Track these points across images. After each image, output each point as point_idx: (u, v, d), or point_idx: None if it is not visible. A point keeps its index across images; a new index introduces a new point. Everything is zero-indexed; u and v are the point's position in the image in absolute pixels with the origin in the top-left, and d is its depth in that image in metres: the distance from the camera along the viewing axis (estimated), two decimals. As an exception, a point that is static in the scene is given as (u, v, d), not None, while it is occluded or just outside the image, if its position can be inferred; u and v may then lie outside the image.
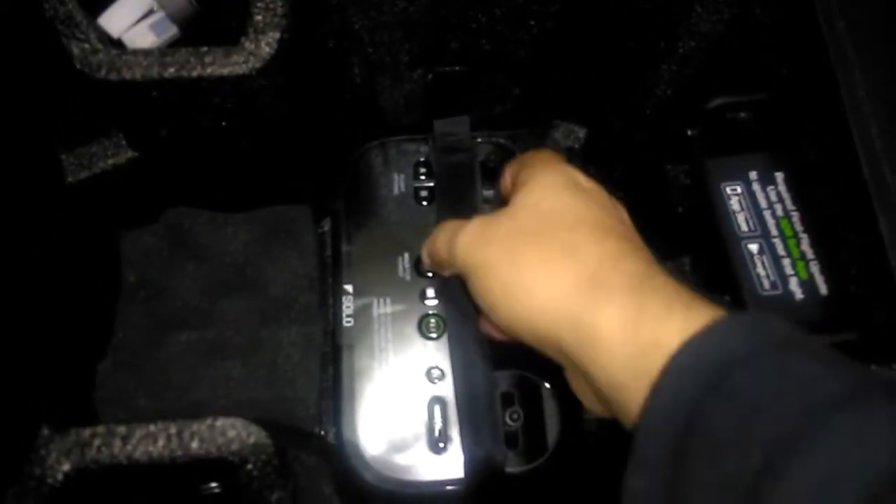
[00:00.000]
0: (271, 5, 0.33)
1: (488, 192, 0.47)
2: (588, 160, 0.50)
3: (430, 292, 0.44)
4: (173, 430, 0.28)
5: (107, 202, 0.42)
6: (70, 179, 0.40)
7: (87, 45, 0.32)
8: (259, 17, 0.33)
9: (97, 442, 0.27)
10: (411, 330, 0.43)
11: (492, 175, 0.48)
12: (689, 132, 0.38)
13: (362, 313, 0.43)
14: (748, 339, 0.22)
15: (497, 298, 0.28)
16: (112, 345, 0.42)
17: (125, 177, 0.41)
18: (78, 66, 0.33)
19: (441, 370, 0.41)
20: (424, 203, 0.47)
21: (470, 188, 0.47)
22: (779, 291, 0.33)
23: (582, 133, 0.52)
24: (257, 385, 0.41)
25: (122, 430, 0.28)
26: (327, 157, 0.46)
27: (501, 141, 0.48)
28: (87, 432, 0.28)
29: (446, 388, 0.41)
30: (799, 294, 0.33)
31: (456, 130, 0.48)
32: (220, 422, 0.28)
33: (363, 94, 0.45)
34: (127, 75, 0.32)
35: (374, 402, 0.40)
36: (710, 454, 0.20)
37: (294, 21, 0.34)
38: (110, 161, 0.41)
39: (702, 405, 0.21)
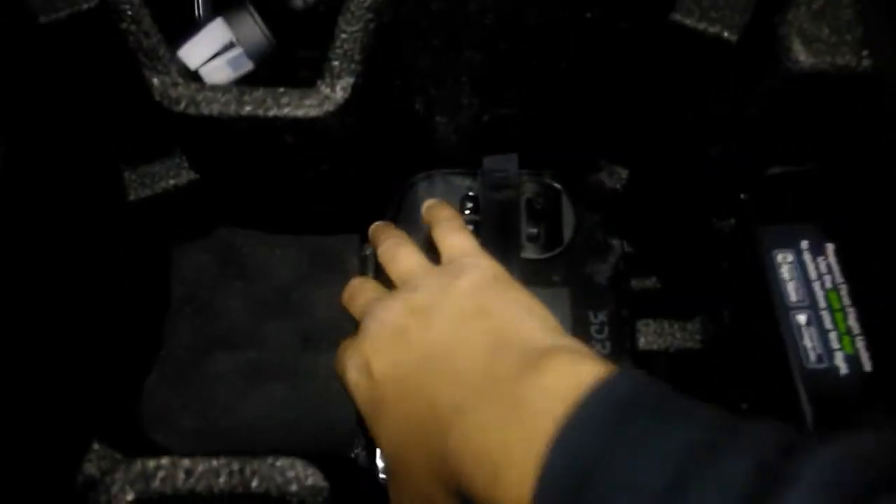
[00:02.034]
0: (349, 52, 0.34)
1: (531, 230, 0.48)
2: (629, 202, 0.51)
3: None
4: (235, 466, 0.29)
5: (164, 219, 0.43)
6: (132, 197, 0.41)
7: (167, 79, 0.33)
8: (336, 63, 0.34)
9: (161, 474, 0.28)
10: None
11: (536, 213, 0.49)
12: (742, 196, 0.38)
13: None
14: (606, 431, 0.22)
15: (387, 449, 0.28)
16: (158, 360, 0.43)
17: (184, 197, 0.42)
18: (157, 98, 0.33)
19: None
20: (468, 236, 0.48)
21: (514, 225, 0.48)
22: (824, 365, 0.34)
23: (624, 174, 0.53)
24: (299, 407, 0.42)
25: (186, 463, 0.29)
26: (377, 186, 0.47)
27: (548, 180, 0.49)
28: (152, 463, 0.29)
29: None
30: (844, 369, 0.34)
31: (504, 167, 0.48)
32: (280, 461, 0.29)
33: (418, 129, 0.46)
34: (205, 111, 0.33)
35: None
36: None
37: (367, 67, 0.35)
38: (171, 182, 0.42)
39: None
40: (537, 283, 0.46)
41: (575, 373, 0.24)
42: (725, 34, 0.38)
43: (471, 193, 0.49)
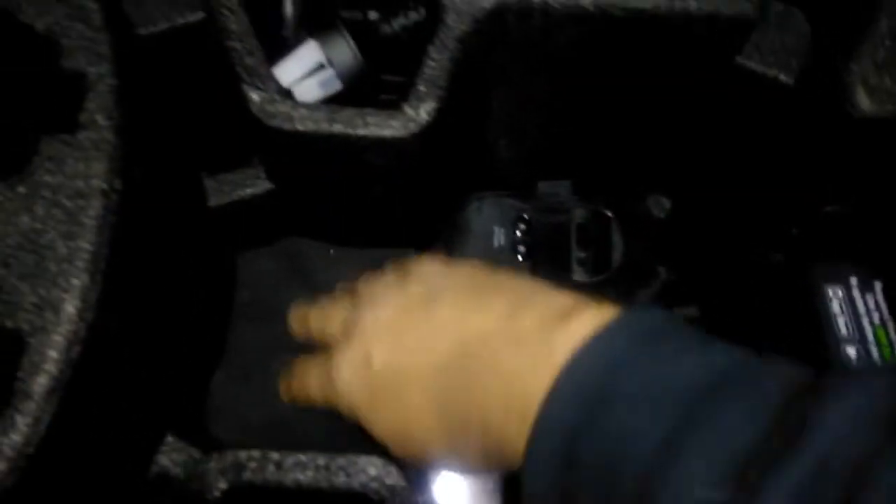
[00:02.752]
0: (435, 78, 0.36)
1: (581, 254, 0.50)
2: (672, 231, 0.53)
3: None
4: (321, 461, 0.30)
5: (237, 226, 0.45)
6: (211, 204, 0.43)
7: (265, 95, 0.36)
8: (422, 88, 0.36)
9: (253, 465, 0.30)
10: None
11: (587, 238, 0.51)
12: (794, 231, 0.40)
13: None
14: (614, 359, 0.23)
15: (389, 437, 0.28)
16: (225, 360, 0.45)
17: (257, 205, 0.44)
18: (254, 112, 0.36)
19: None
20: (520, 258, 0.50)
21: (565, 248, 0.50)
22: (873, 397, 0.36)
23: (668, 203, 0.55)
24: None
25: (275, 456, 0.30)
26: (434, 203, 0.49)
27: (598, 207, 0.51)
28: (243, 455, 0.30)
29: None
30: (891, 401, 0.35)
31: (558, 192, 0.51)
32: (363, 459, 0.31)
33: (480, 151, 0.48)
34: (298, 127, 0.36)
35: None
36: (592, 484, 0.22)
37: (450, 93, 0.37)
38: (248, 191, 0.44)
39: (577, 444, 0.22)
40: (587, 306, 0.48)
41: (601, 314, 0.24)
42: (782, 77, 0.40)
43: (525, 216, 0.51)
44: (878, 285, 0.39)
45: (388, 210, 0.47)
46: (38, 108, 0.31)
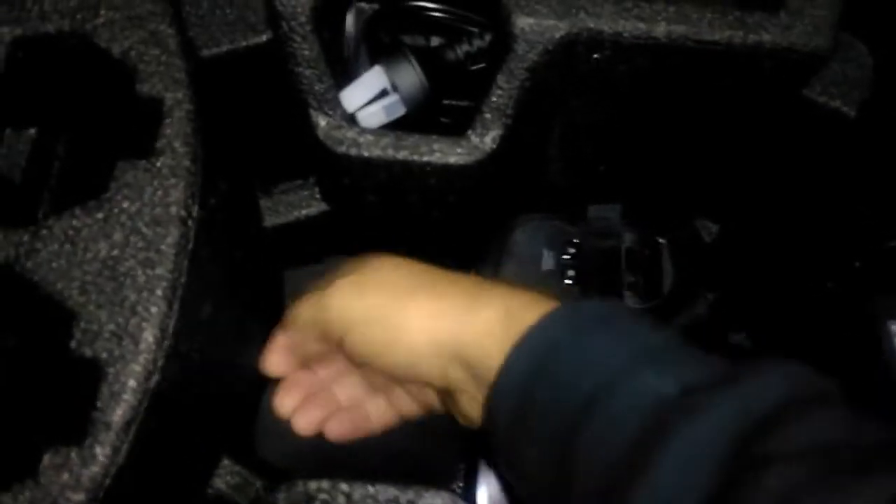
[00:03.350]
0: (501, 106, 0.36)
1: (631, 279, 0.50)
2: (720, 256, 0.53)
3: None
4: (390, 494, 0.30)
5: (289, 246, 0.45)
6: (266, 224, 0.43)
7: (332, 121, 0.35)
8: (488, 116, 0.36)
9: (323, 496, 0.30)
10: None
11: (637, 262, 0.50)
12: (856, 264, 0.40)
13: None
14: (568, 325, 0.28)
15: (378, 348, 0.31)
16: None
17: (312, 226, 0.44)
18: (321, 138, 0.36)
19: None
20: (569, 282, 0.49)
21: (616, 273, 0.49)
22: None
23: (714, 228, 0.54)
24: (403, 437, 0.44)
25: (344, 487, 0.30)
26: (484, 225, 0.49)
27: (648, 231, 0.51)
28: (313, 485, 0.30)
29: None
30: (959, 441, 0.35)
31: (607, 216, 0.50)
32: (430, 493, 0.30)
33: (534, 174, 0.48)
34: (365, 153, 0.35)
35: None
36: (539, 418, 0.26)
37: (515, 121, 0.37)
38: (303, 212, 0.44)
39: (531, 386, 0.27)
40: (637, 332, 0.47)
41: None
42: (844, 109, 0.40)
43: (574, 240, 0.50)
44: (942, 322, 0.38)
45: (438, 231, 0.47)
46: (116, 133, 0.31)
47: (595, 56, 0.35)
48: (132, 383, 0.27)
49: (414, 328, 0.30)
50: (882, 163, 0.38)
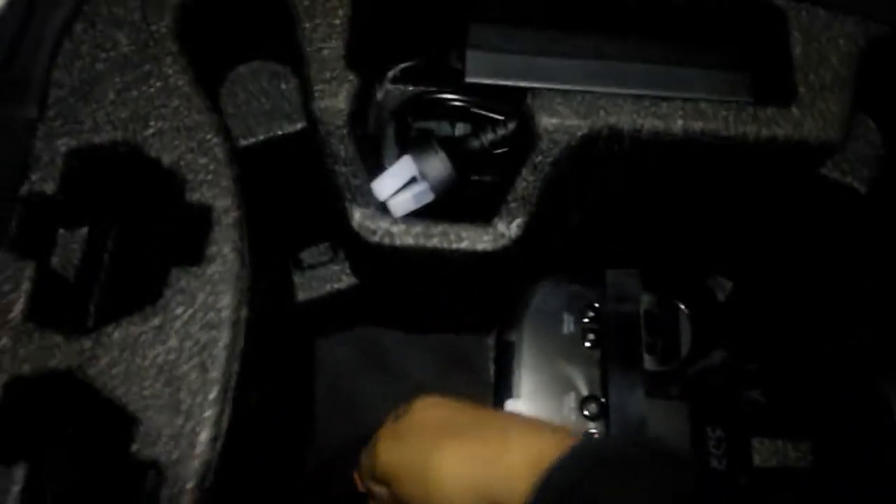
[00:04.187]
0: (526, 196, 0.38)
1: (650, 341, 0.51)
2: (735, 313, 0.54)
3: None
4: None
5: (320, 317, 0.47)
6: (300, 299, 0.45)
7: (366, 211, 0.37)
8: (514, 205, 0.38)
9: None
10: (573, 467, 0.46)
11: (655, 325, 0.52)
12: (863, 333, 0.41)
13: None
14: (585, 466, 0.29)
15: (417, 495, 0.32)
16: (313, 448, 0.47)
17: (342, 299, 0.46)
18: (356, 228, 0.37)
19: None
20: (588, 345, 0.51)
21: (636, 336, 0.51)
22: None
23: (728, 285, 0.56)
24: None
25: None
26: (506, 292, 0.51)
27: (667, 296, 0.52)
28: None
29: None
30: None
31: (625, 281, 0.52)
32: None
33: (556, 244, 0.49)
34: (397, 242, 0.37)
35: None
36: None
37: (539, 208, 0.38)
38: (335, 286, 0.46)
39: None
40: (657, 395, 0.49)
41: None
42: (856, 185, 0.42)
43: (593, 304, 0.52)
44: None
45: (462, 302, 0.49)
46: (168, 240, 0.33)
47: (615, 149, 0.37)
48: (189, 484, 0.29)
49: (448, 475, 0.31)
50: (890, 240, 0.40)
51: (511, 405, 0.48)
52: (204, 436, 0.29)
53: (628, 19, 0.41)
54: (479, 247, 0.38)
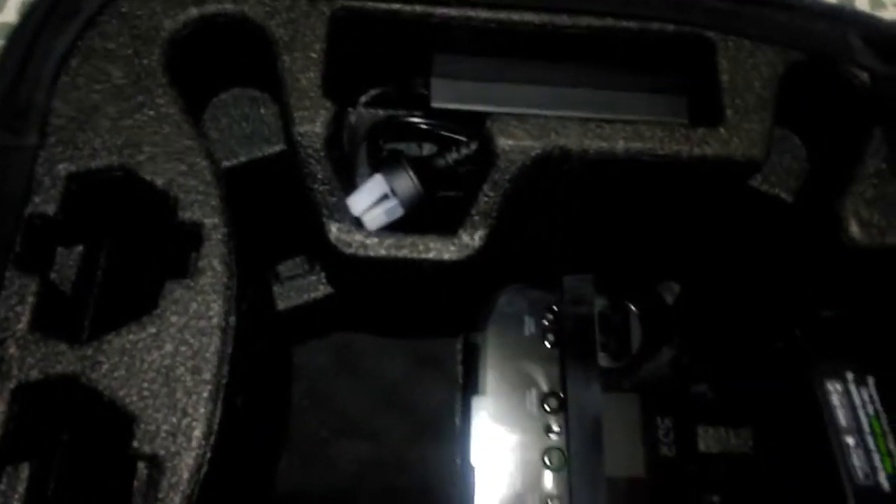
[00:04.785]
0: (487, 210, 0.42)
1: (604, 341, 0.56)
2: (683, 314, 0.59)
3: (555, 427, 0.51)
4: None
5: (298, 325, 0.51)
6: (279, 308, 0.49)
7: (342, 226, 0.41)
8: (476, 218, 0.42)
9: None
10: (535, 459, 0.50)
11: (608, 325, 0.56)
12: (796, 332, 0.46)
13: (494, 438, 0.51)
14: None
15: None
16: (286, 447, 0.50)
17: (319, 307, 0.50)
18: (332, 241, 0.41)
19: (560, 500, 0.49)
20: (548, 345, 0.55)
21: (591, 336, 0.55)
22: (871, 482, 0.41)
23: (676, 288, 0.61)
24: (409, 495, 0.49)
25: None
26: (474, 298, 0.55)
27: (618, 298, 0.57)
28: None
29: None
30: (886, 486, 0.41)
31: (581, 286, 0.56)
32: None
33: (516, 254, 0.53)
34: (371, 253, 0.41)
35: None
36: None
37: (499, 221, 0.42)
38: (312, 295, 0.49)
39: None
40: (611, 389, 0.53)
41: None
42: (783, 195, 0.46)
43: (552, 307, 0.56)
44: (871, 380, 0.44)
45: (430, 308, 0.52)
46: (162, 256, 0.36)
47: (565, 167, 0.41)
48: (186, 475, 0.32)
49: None
50: (816, 247, 0.44)
51: (477, 401, 0.52)
52: (198, 431, 0.32)
53: (579, 50, 0.45)
54: (446, 256, 0.42)
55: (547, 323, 0.56)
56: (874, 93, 0.42)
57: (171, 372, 0.33)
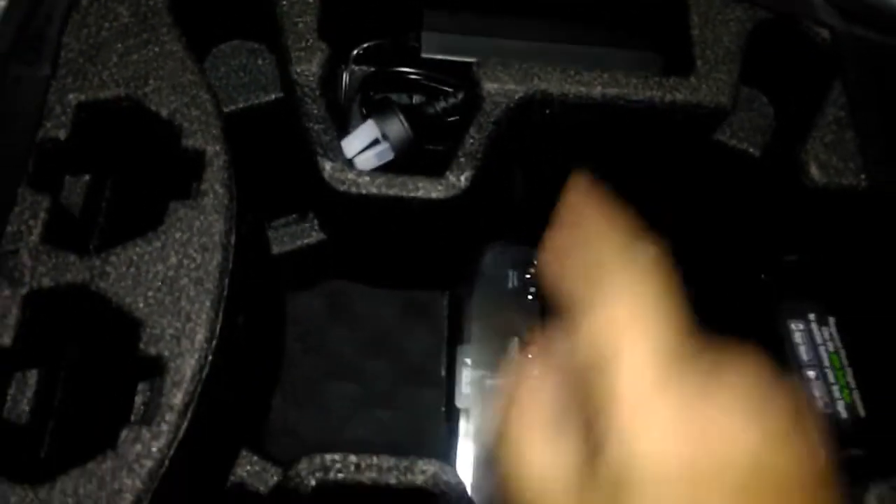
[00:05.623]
0: (473, 151, 0.44)
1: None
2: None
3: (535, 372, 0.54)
4: (391, 462, 0.37)
5: (292, 270, 0.53)
6: (274, 252, 0.51)
7: (336, 165, 0.43)
8: (462, 159, 0.44)
9: (337, 465, 0.37)
10: (517, 402, 0.53)
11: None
12: (762, 276, 0.49)
13: (477, 384, 0.53)
14: None
15: None
16: (281, 385, 0.52)
17: (311, 253, 0.52)
18: (326, 179, 0.43)
19: (541, 438, 0.51)
20: (530, 297, 0.58)
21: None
22: (830, 411, 0.44)
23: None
24: (398, 431, 0.51)
25: (353, 458, 0.38)
26: (460, 250, 0.57)
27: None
28: (328, 458, 0.38)
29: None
30: (843, 414, 0.44)
31: (563, 242, 0.59)
32: (422, 461, 0.38)
33: (501, 205, 0.56)
34: (363, 191, 0.43)
35: (477, 461, 0.49)
36: None
37: (484, 163, 0.45)
38: (305, 241, 0.51)
39: None
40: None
41: None
42: (751, 150, 0.49)
43: (534, 261, 0.59)
44: (832, 320, 0.47)
45: (420, 256, 0.55)
46: (168, 179, 0.38)
47: (547, 111, 0.44)
48: (189, 374, 0.34)
49: None
50: (781, 194, 0.47)
51: (462, 349, 0.54)
52: (200, 336, 0.35)
53: (562, 7, 0.48)
54: (434, 195, 0.44)
55: (529, 276, 0.59)
56: (834, 48, 0.45)
57: (175, 282, 0.35)
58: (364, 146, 0.45)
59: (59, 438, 0.36)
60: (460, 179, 0.44)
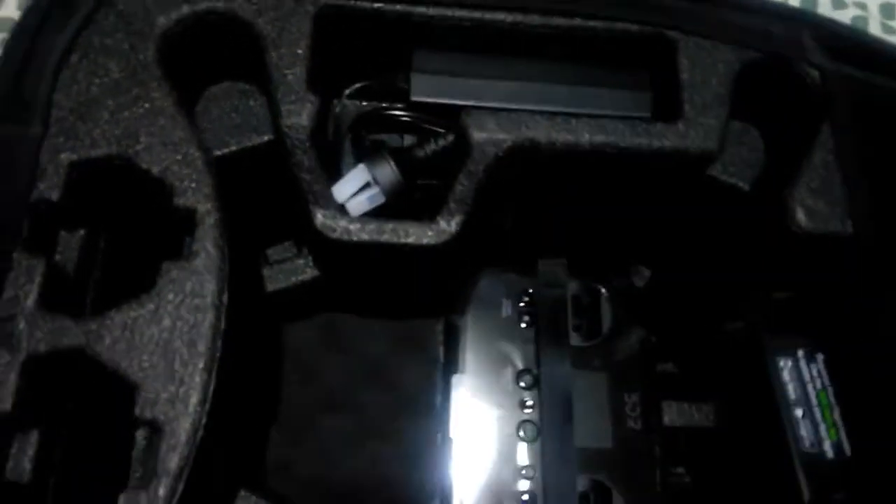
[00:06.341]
0: (463, 197, 0.45)
1: (576, 321, 0.59)
2: (652, 298, 0.62)
3: (529, 402, 0.55)
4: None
5: (287, 306, 0.53)
6: (268, 289, 0.51)
7: (328, 213, 0.44)
8: (453, 205, 0.45)
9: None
10: (510, 432, 0.54)
11: (580, 307, 0.59)
12: (752, 312, 0.50)
13: (471, 413, 0.54)
14: None
15: None
16: (276, 420, 0.53)
17: (306, 289, 0.53)
18: (318, 227, 0.44)
19: (533, 469, 0.52)
20: (524, 325, 0.58)
21: (563, 318, 0.58)
22: (816, 450, 0.45)
23: (647, 272, 0.64)
24: (395, 465, 0.52)
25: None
26: (454, 281, 0.58)
27: (590, 282, 0.60)
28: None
29: (536, 486, 0.51)
30: (830, 453, 0.45)
31: (555, 270, 0.59)
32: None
33: (493, 239, 0.56)
34: (354, 238, 0.44)
35: (472, 490, 0.50)
36: None
37: (474, 207, 0.45)
38: (300, 278, 0.52)
39: None
40: (582, 367, 0.56)
41: None
42: (740, 184, 0.50)
43: (528, 290, 0.59)
44: (820, 357, 0.48)
45: (413, 290, 0.55)
46: (160, 238, 0.39)
47: (535, 158, 0.44)
48: (183, 438, 0.35)
49: None
50: (768, 228, 0.48)
51: (457, 379, 0.55)
52: (195, 399, 0.35)
53: (550, 48, 0.48)
54: (424, 241, 0.45)
55: (523, 305, 0.59)
56: (823, 89, 0.45)
57: (168, 345, 0.36)
58: (355, 191, 0.46)
59: (59, 500, 0.37)
60: (450, 224, 0.45)
